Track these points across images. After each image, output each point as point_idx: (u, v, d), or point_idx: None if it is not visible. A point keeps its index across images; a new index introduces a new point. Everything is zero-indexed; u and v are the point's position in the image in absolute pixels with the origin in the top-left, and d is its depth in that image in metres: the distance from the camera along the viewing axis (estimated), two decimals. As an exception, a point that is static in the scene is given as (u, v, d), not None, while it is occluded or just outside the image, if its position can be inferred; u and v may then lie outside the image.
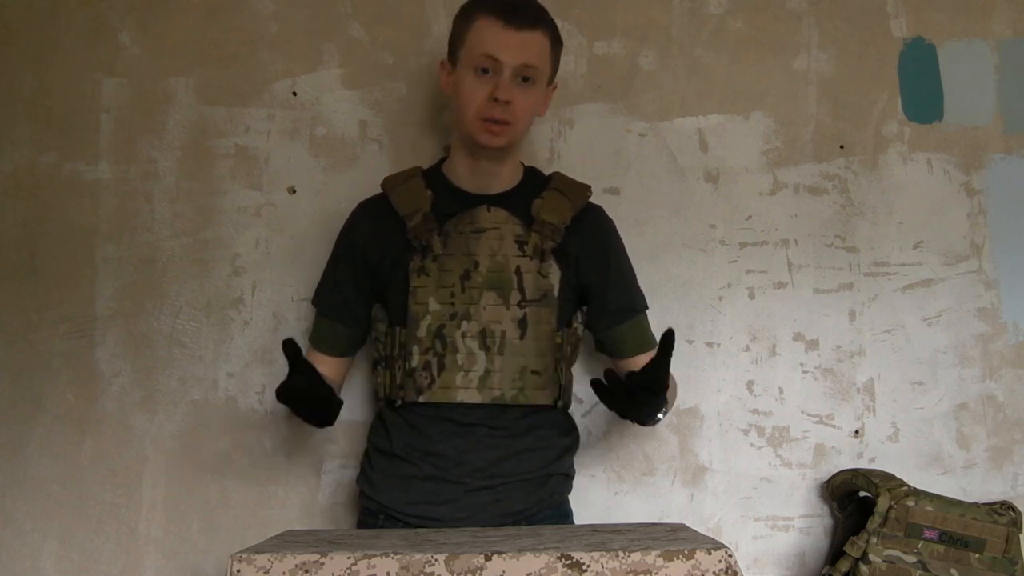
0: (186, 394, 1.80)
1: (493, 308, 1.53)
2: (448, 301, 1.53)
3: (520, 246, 1.56)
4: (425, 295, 1.53)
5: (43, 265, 1.81)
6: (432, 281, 1.54)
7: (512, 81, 1.49)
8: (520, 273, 1.55)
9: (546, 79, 1.56)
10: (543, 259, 1.56)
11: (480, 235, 1.55)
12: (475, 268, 1.54)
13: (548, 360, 1.55)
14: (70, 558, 1.76)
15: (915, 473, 1.79)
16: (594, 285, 1.62)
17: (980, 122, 1.91)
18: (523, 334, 1.54)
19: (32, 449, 1.78)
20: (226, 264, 1.82)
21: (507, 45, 1.48)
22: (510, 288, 1.54)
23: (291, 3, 1.88)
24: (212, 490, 1.78)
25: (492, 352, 1.53)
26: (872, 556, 1.61)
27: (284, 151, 1.85)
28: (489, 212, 1.56)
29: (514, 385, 1.53)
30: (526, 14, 1.50)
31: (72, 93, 1.85)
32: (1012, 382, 1.85)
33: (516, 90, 1.50)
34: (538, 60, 1.51)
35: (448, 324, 1.53)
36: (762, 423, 1.83)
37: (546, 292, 1.56)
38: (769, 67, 1.91)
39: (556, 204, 1.59)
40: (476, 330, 1.53)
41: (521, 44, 1.49)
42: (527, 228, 1.57)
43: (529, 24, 1.50)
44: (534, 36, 1.50)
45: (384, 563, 1.04)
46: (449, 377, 1.52)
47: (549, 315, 1.56)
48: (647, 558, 1.03)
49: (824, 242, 1.88)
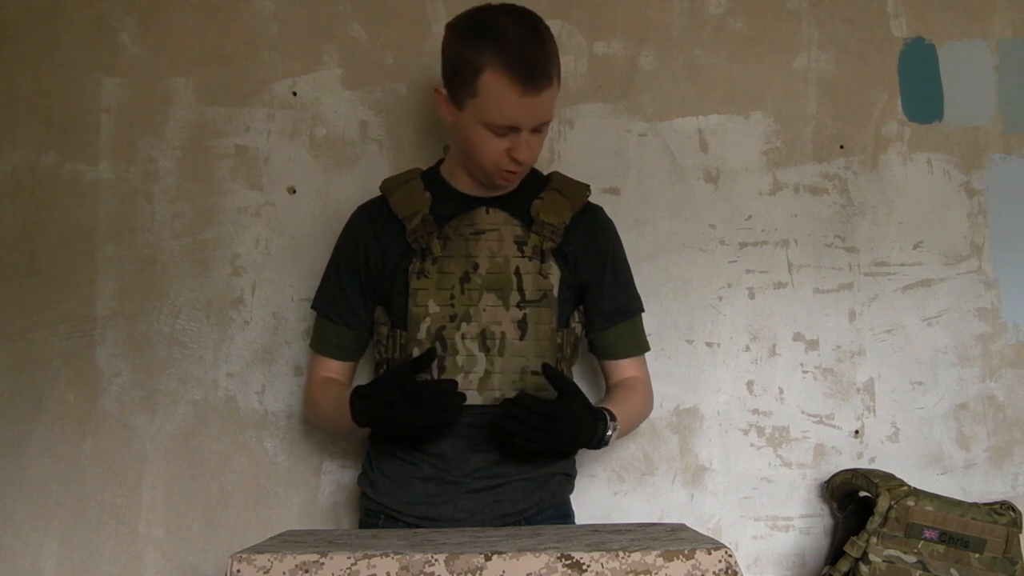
0: (186, 394, 1.80)
1: (493, 309, 1.53)
2: (448, 303, 1.53)
3: (520, 247, 1.55)
4: (425, 297, 1.53)
5: (43, 265, 1.81)
6: (431, 283, 1.53)
7: (530, 137, 1.47)
8: (520, 274, 1.54)
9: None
10: (543, 260, 1.56)
11: (479, 237, 1.55)
12: (474, 270, 1.54)
13: (548, 360, 1.55)
14: (70, 558, 1.76)
15: (915, 473, 1.79)
16: (591, 285, 1.61)
17: (980, 122, 1.91)
18: (523, 335, 1.54)
19: (32, 449, 1.78)
20: (226, 264, 1.82)
21: (525, 112, 1.42)
22: (510, 289, 1.54)
23: (291, 3, 1.88)
24: (212, 490, 1.78)
25: (492, 353, 1.52)
26: (872, 556, 1.61)
27: (284, 151, 1.85)
28: (488, 213, 1.56)
29: (514, 386, 1.52)
30: (542, 75, 1.41)
31: (72, 93, 1.85)
32: (1012, 382, 1.85)
33: (532, 138, 1.48)
34: (550, 112, 1.47)
35: (448, 326, 1.52)
36: (762, 423, 1.83)
37: (546, 292, 1.55)
38: (769, 67, 1.91)
39: (555, 204, 1.59)
40: (476, 331, 1.52)
41: (539, 106, 1.43)
42: (526, 229, 1.56)
43: (544, 85, 1.42)
44: (547, 94, 1.43)
45: (384, 563, 1.04)
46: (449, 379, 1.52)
47: (549, 315, 1.55)
48: (647, 558, 1.03)
49: (824, 242, 1.88)
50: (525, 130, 1.45)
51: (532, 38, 1.42)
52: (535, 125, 1.46)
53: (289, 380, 1.80)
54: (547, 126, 1.50)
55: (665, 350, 1.82)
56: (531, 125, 1.45)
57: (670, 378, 1.82)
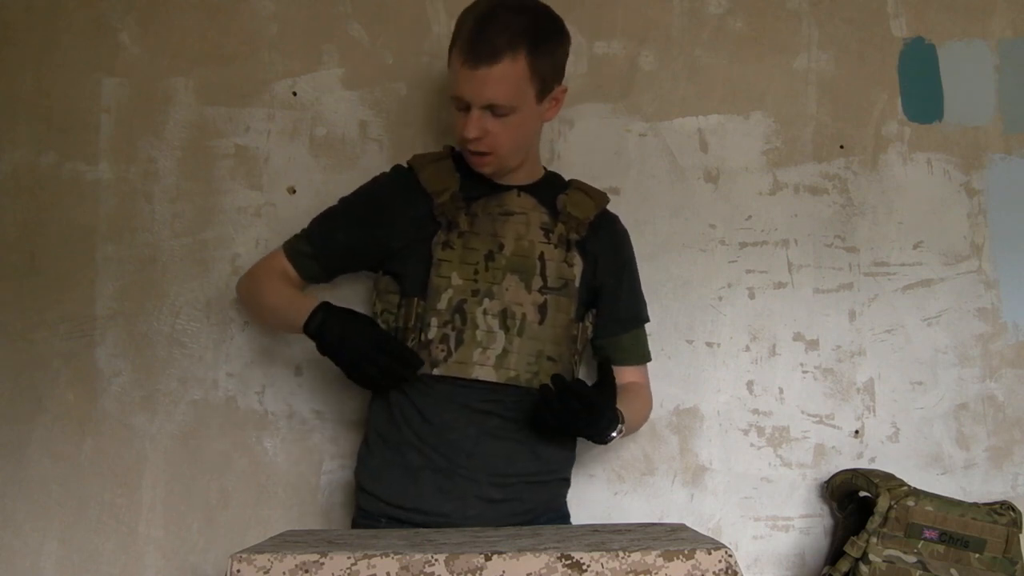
0: (186, 394, 1.80)
1: (515, 290, 1.53)
2: (471, 278, 1.52)
3: (546, 233, 1.57)
4: (448, 269, 1.52)
5: (43, 265, 1.81)
6: (456, 256, 1.53)
7: (482, 116, 1.47)
8: (544, 259, 1.55)
9: (529, 100, 1.49)
10: (568, 249, 1.57)
11: (507, 218, 1.56)
12: (499, 250, 1.54)
13: (563, 349, 1.56)
14: (70, 558, 1.76)
15: (915, 473, 1.79)
16: (608, 289, 1.63)
17: (980, 122, 1.91)
18: (542, 319, 1.54)
19: (32, 449, 1.78)
20: (226, 264, 1.82)
21: (469, 84, 1.45)
22: (532, 273, 1.54)
23: (291, 3, 1.88)
24: (212, 490, 1.78)
25: (511, 332, 1.52)
26: (872, 556, 1.61)
27: (284, 151, 1.85)
28: (519, 196, 1.58)
29: (530, 368, 1.52)
30: (486, 47, 1.42)
31: (72, 93, 1.85)
32: (1012, 382, 1.85)
33: (489, 122, 1.48)
34: (504, 96, 1.45)
35: (470, 300, 1.52)
36: (762, 423, 1.83)
37: (567, 282, 1.56)
38: (769, 67, 1.91)
39: (580, 201, 1.62)
40: (497, 309, 1.52)
41: (483, 82, 1.44)
42: (553, 218, 1.58)
43: (490, 59, 1.42)
44: (497, 71, 1.43)
45: (384, 563, 1.04)
46: (467, 352, 1.51)
47: (568, 305, 1.56)
48: (647, 558, 1.03)
49: (824, 242, 1.88)
50: (475, 107, 1.46)
51: (488, 15, 1.45)
52: (482, 102, 1.46)
53: (289, 380, 1.80)
54: (510, 115, 1.48)
55: (665, 350, 1.82)
56: (477, 100, 1.45)
57: (670, 378, 1.82)
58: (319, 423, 1.80)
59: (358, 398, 1.77)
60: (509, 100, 1.46)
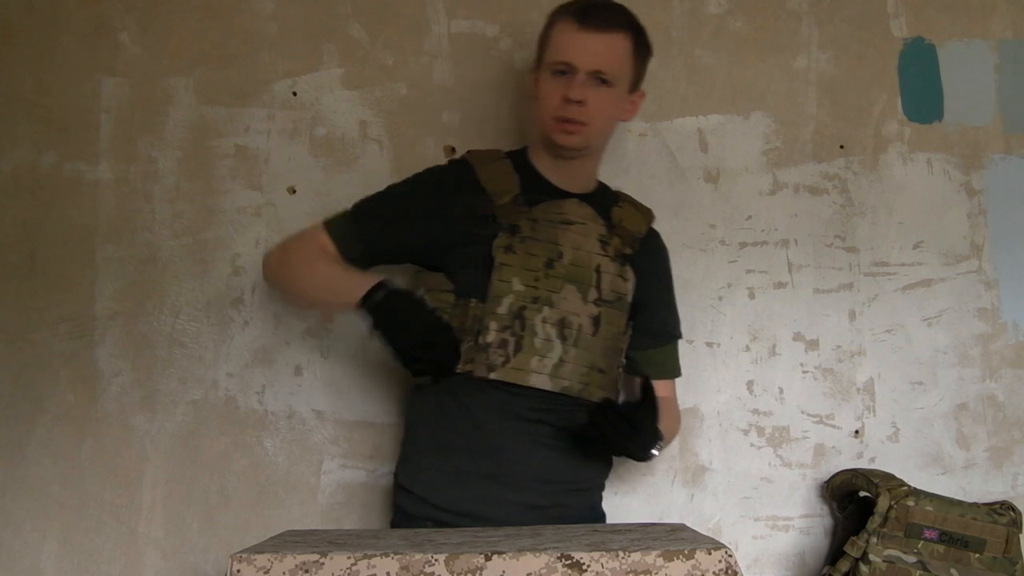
0: (186, 394, 1.80)
1: (572, 300, 1.53)
2: (532, 284, 1.51)
3: (603, 245, 1.56)
4: (510, 274, 1.50)
5: (43, 265, 1.81)
6: (518, 261, 1.51)
7: (586, 82, 1.48)
8: (600, 272, 1.55)
9: (626, 82, 1.53)
10: (623, 263, 1.58)
11: (567, 227, 1.54)
12: (559, 258, 1.53)
13: (612, 361, 1.56)
14: (70, 558, 1.76)
15: (915, 473, 1.79)
16: (647, 303, 1.63)
17: (980, 122, 1.91)
18: (595, 331, 1.53)
19: (32, 449, 1.78)
20: (226, 264, 1.82)
21: (580, 47, 1.48)
22: (589, 284, 1.54)
23: (291, 3, 1.88)
24: (212, 490, 1.78)
25: (568, 343, 1.51)
26: (872, 556, 1.61)
27: (284, 151, 1.85)
28: (579, 206, 1.57)
29: (582, 379, 1.52)
30: (600, 16, 1.49)
31: (72, 93, 1.85)
32: (1012, 382, 1.85)
33: (591, 90, 1.49)
34: (612, 65, 1.49)
35: (529, 307, 1.50)
36: (762, 423, 1.83)
37: (621, 296, 1.57)
38: (769, 67, 1.91)
39: (633, 216, 1.63)
40: (556, 318, 1.51)
41: (595, 46, 1.48)
42: (610, 230, 1.58)
43: (604, 27, 1.48)
44: (608, 39, 1.48)
45: (384, 563, 1.04)
46: (525, 359, 1.49)
47: (619, 318, 1.56)
48: (647, 558, 1.03)
49: (824, 242, 1.88)
50: (582, 70, 1.47)
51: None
52: (591, 66, 1.47)
53: (289, 380, 1.80)
54: (612, 87, 1.50)
55: (665, 350, 1.82)
56: (585, 65, 1.47)
57: (670, 378, 1.82)
58: (319, 423, 1.80)
59: (358, 398, 1.77)
60: (615, 70, 1.50)
